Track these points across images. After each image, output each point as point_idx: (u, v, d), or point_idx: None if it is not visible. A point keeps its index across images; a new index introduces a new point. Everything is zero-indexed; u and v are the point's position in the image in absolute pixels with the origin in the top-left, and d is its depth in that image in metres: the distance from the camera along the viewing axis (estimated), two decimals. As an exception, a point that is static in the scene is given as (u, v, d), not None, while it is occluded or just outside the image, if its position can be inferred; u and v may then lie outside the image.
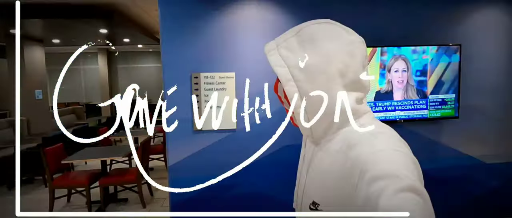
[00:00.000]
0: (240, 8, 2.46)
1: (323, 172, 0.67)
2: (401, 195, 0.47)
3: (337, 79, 0.65)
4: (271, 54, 0.69)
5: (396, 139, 0.60)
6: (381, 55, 2.52)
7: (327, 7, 2.52)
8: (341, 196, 0.60)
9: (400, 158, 0.54)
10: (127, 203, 3.93)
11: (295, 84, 0.65)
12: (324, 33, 0.66)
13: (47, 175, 3.56)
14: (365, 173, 0.53)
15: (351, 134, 0.64)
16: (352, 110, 0.66)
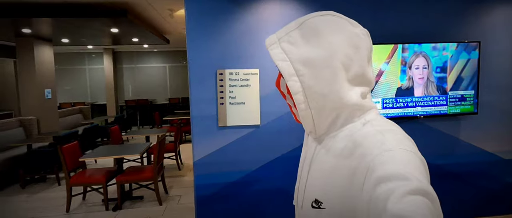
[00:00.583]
0: (263, 5, 2.49)
1: (327, 170, 0.65)
2: (410, 198, 0.45)
3: (342, 73, 0.62)
4: (272, 48, 0.67)
5: (403, 137, 0.58)
6: (402, 52, 2.55)
7: (349, 4, 2.56)
8: (346, 196, 0.58)
9: (408, 158, 0.52)
10: (142, 200, 3.95)
11: (298, 79, 0.63)
12: (328, 25, 0.64)
13: (65, 173, 3.58)
14: (372, 173, 0.52)
15: (356, 131, 0.62)
16: (357, 105, 0.64)
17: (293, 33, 0.65)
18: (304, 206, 0.70)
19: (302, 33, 0.65)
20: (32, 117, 5.80)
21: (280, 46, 0.66)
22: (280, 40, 0.66)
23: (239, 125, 2.51)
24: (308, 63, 0.62)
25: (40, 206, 3.89)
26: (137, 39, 6.67)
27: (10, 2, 4.15)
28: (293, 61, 0.63)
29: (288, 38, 0.65)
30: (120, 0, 4.28)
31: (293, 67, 0.63)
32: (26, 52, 5.87)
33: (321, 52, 0.62)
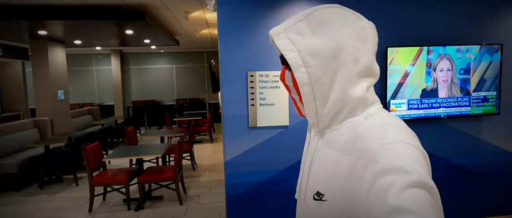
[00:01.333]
0: (292, 8, 2.55)
1: (329, 162, 0.65)
2: (410, 190, 0.45)
3: (349, 66, 0.62)
4: (279, 38, 0.65)
5: (405, 130, 0.58)
6: (427, 54, 2.62)
7: (375, 8, 2.62)
8: (347, 188, 0.58)
9: (409, 151, 0.52)
10: (162, 200, 4.00)
11: (306, 71, 0.62)
12: (335, 17, 0.64)
13: (88, 173, 3.63)
14: (373, 166, 0.52)
15: (358, 125, 0.62)
16: (361, 98, 0.64)
17: (300, 23, 0.64)
18: (307, 199, 0.70)
19: (309, 24, 0.64)
20: (46, 117, 5.85)
21: (287, 36, 0.64)
22: (286, 31, 0.65)
23: (268, 125, 2.57)
24: (316, 54, 0.62)
25: (62, 206, 3.94)
26: (149, 40, 6.72)
27: (30, 4, 4.20)
28: (301, 52, 0.62)
29: (295, 28, 0.64)
30: (138, 2, 4.34)
31: (301, 58, 0.62)
32: (40, 53, 5.92)
33: (329, 44, 0.61)
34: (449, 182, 2.83)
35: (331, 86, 0.63)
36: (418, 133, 2.31)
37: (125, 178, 3.67)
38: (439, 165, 2.80)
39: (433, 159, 2.78)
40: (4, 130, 4.84)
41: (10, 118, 9.04)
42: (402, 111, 2.66)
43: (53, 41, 6.05)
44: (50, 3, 4.18)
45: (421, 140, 2.21)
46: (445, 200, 2.80)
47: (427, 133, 2.76)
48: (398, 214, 0.43)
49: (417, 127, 2.74)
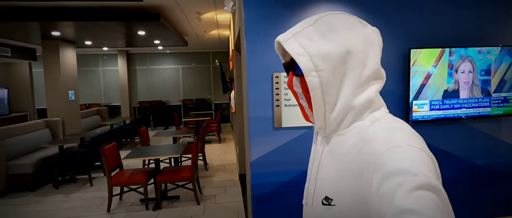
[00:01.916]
0: (316, 10, 2.59)
1: (336, 167, 0.65)
2: (417, 192, 0.46)
3: (358, 70, 0.63)
4: (289, 43, 0.65)
5: (412, 134, 0.59)
6: (449, 56, 2.65)
7: (398, 10, 2.65)
8: (355, 192, 0.58)
9: (416, 154, 0.53)
10: (179, 200, 4.03)
11: (317, 75, 0.62)
12: (342, 23, 0.65)
13: (106, 173, 3.66)
14: (381, 169, 0.52)
15: (365, 128, 0.63)
16: (369, 102, 0.65)
17: (309, 29, 0.65)
18: (315, 204, 0.70)
19: (318, 29, 0.64)
20: (57, 118, 5.88)
21: (297, 41, 0.64)
22: (295, 36, 0.65)
23: (293, 126, 2.60)
24: (327, 59, 0.62)
25: (80, 205, 3.97)
26: (159, 41, 6.75)
27: (47, 6, 4.23)
28: (311, 56, 0.62)
29: (304, 33, 0.65)
30: (153, 4, 4.38)
31: (312, 62, 0.62)
32: (52, 54, 5.94)
33: (338, 48, 0.62)
34: (469, 181, 2.86)
35: (340, 90, 0.64)
36: (440, 133, 2.36)
37: (144, 178, 3.70)
38: (459, 165, 2.83)
39: (454, 159, 2.81)
40: (17, 131, 4.87)
41: (17, 118, 9.06)
42: (424, 112, 2.69)
43: (64, 42, 6.09)
44: (67, 5, 4.21)
45: (442, 140, 2.26)
46: (465, 199, 2.83)
47: (448, 133, 2.80)
48: (405, 215, 0.44)
49: (439, 128, 2.78)
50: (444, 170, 2.77)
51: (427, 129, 2.76)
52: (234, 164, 5.76)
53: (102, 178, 5.11)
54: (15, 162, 4.52)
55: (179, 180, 3.81)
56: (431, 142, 2.78)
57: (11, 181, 4.47)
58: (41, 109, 10.16)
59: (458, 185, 2.85)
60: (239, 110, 4.76)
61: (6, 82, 9.32)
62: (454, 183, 2.84)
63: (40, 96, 10.10)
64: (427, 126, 2.76)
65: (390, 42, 2.66)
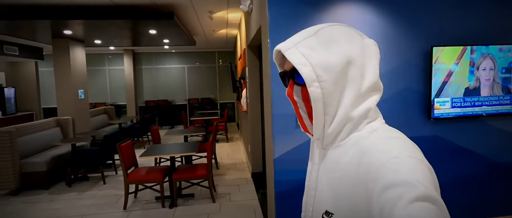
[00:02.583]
0: (340, 9, 2.60)
1: (335, 180, 0.65)
2: (416, 204, 0.46)
3: (357, 81, 0.64)
4: (290, 52, 0.64)
5: (410, 144, 0.59)
6: (470, 54, 2.67)
7: (420, 9, 2.67)
8: (356, 204, 0.58)
9: (415, 165, 0.53)
10: (194, 198, 4.05)
11: (319, 85, 0.62)
12: (343, 35, 0.65)
13: (123, 171, 3.67)
14: (380, 180, 0.52)
15: (363, 139, 0.63)
16: (367, 113, 0.65)
17: (310, 39, 0.64)
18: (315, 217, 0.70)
19: (319, 40, 0.64)
20: (68, 117, 5.89)
21: (298, 50, 0.64)
22: (296, 46, 0.64)
23: (316, 123, 2.61)
24: (328, 69, 0.62)
25: (95, 203, 3.98)
26: (168, 40, 6.77)
27: (60, 4, 4.24)
28: (314, 66, 0.62)
29: (305, 43, 0.64)
30: (167, 2, 4.39)
31: (314, 73, 0.62)
32: (62, 53, 5.96)
33: (340, 59, 0.62)
34: (489, 179, 2.88)
35: (340, 101, 0.64)
36: (460, 130, 2.38)
37: (160, 176, 3.71)
38: (479, 162, 2.85)
39: (474, 156, 2.83)
40: (29, 129, 4.88)
41: (24, 117, 9.08)
42: (446, 109, 2.71)
43: (74, 41, 6.10)
44: (80, 3, 4.22)
45: (463, 137, 2.29)
46: (485, 196, 2.84)
47: (469, 131, 2.81)
48: None
49: (459, 125, 2.80)
50: (464, 167, 2.79)
51: (448, 126, 2.78)
52: (244, 162, 5.77)
53: (113, 176, 5.12)
54: (28, 160, 4.53)
55: (194, 178, 3.82)
56: (452, 139, 2.79)
57: (25, 179, 4.48)
58: (46, 108, 10.17)
59: (478, 182, 2.87)
60: (254, 109, 4.77)
61: (13, 81, 9.33)
62: (474, 180, 2.86)
63: (46, 96, 10.12)
64: (448, 123, 2.77)
65: (412, 40, 2.68)
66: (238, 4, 4.68)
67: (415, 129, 2.74)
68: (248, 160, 5.47)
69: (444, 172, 2.80)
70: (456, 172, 2.82)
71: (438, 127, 2.76)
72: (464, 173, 2.84)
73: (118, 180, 4.90)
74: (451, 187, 2.83)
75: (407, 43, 2.68)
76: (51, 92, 10.18)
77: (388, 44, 2.67)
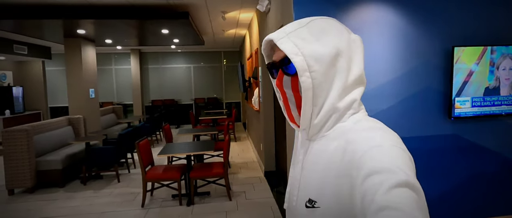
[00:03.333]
0: (362, 9, 2.65)
1: (320, 169, 0.66)
2: (397, 190, 0.48)
3: (344, 73, 0.65)
4: (283, 41, 0.65)
5: (392, 134, 0.61)
6: (491, 54, 2.71)
7: (442, 10, 2.71)
8: (340, 192, 0.59)
9: (396, 153, 0.55)
10: (210, 196, 4.09)
11: (310, 75, 0.63)
12: (332, 27, 0.67)
13: (141, 169, 3.71)
14: (363, 168, 0.54)
15: (348, 130, 0.64)
16: (353, 104, 0.67)
17: (302, 30, 0.66)
18: (298, 207, 0.71)
19: (310, 31, 0.66)
20: (79, 115, 5.93)
21: (291, 40, 0.65)
22: (288, 35, 0.66)
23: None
24: (319, 60, 0.63)
25: (112, 201, 4.02)
26: (178, 40, 6.81)
27: (76, 4, 4.28)
28: (306, 56, 0.63)
29: (297, 34, 0.65)
30: (182, 2, 4.43)
31: (306, 63, 0.63)
32: (74, 52, 6.00)
33: (330, 50, 0.64)
34: (507, 177, 2.92)
35: (329, 92, 0.65)
36: (480, 129, 2.43)
37: (177, 174, 3.76)
38: (498, 161, 2.89)
39: (493, 154, 2.87)
40: (43, 128, 4.92)
41: (31, 116, 9.12)
42: (466, 108, 2.75)
43: (86, 40, 6.14)
44: (97, 3, 4.26)
45: (483, 136, 2.34)
46: (503, 194, 2.88)
47: (488, 130, 2.85)
48: (385, 211, 0.46)
49: (479, 124, 2.84)
50: (483, 164, 2.84)
51: (468, 125, 2.82)
52: (255, 161, 5.81)
53: (127, 174, 5.16)
54: (44, 158, 4.57)
55: (211, 176, 3.86)
56: (472, 138, 2.84)
57: (41, 177, 4.51)
58: (53, 107, 10.21)
59: (497, 179, 2.91)
60: (267, 108, 4.81)
61: (20, 80, 9.37)
62: (493, 177, 2.90)
63: (52, 95, 10.15)
64: (468, 122, 2.82)
65: (432, 40, 2.72)
66: (251, 4, 4.73)
67: (436, 128, 2.78)
68: (259, 159, 5.52)
69: (464, 169, 2.85)
70: (475, 170, 2.87)
71: (458, 126, 2.81)
72: (483, 171, 2.88)
73: (132, 178, 4.95)
74: (470, 184, 2.87)
75: (427, 43, 2.72)
76: (57, 91, 10.22)
77: (408, 44, 2.71)
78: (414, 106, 2.75)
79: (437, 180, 2.83)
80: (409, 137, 2.76)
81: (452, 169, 2.84)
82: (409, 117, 2.75)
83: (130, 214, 3.63)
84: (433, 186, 2.82)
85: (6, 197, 4.30)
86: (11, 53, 7.34)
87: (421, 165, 2.78)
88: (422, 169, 2.79)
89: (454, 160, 2.83)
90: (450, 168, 2.83)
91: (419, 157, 2.77)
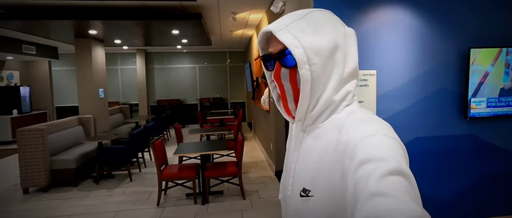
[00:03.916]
0: (380, 11, 2.70)
1: (314, 159, 0.67)
2: (389, 178, 0.49)
3: (341, 66, 0.66)
4: (282, 33, 0.64)
5: (385, 124, 0.62)
6: (506, 55, 2.77)
7: (458, 11, 2.76)
8: (334, 182, 0.61)
9: (389, 142, 0.56)
10: (223, 195, 4.14)
11: (309, 68, 0.63)
12: (329, 21, 0.67)
13: (157, 168, 3.76)
14: (357, 156, 0.55)
15: (342, 120, 0.65)
16: (347, 97, 0.68)
17: (300, 21, 0.65)
18: (293, 196, 0.71)
19: (308, 23, 0.65)
20: (89, 115, 5.98)
21: (290, 32, 0.64)
22: (287, 27, 0.65)
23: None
24: (318, 52, 0.63)
25: (127, 200, 4.07)
26: (187, 40, 6.85)
27: (89, 5, 4.32)
28: (305, 49, 0.63)
29: (296, 25, 0.65)
30: (193, 4, 4.48)
31: (306, 55, 0.63)
32: (84, 53, 6.04)
33: (328, 43, 0.64)
34: (520, 176, 2.98)
35: (326, 85, 0.66)
36: (495, 129, 2.48)
37: (193, 173, 3.80)
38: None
39: (507, 154, 2.92)
40: (56, 127, 4.96)
41: (38, 116, 9.16)
42: (482, 109, 2.80)
43: (95, 41, 6.18)
44: (110, 4, 4.30)
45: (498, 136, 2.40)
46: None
47: (503, 129, 2.91)
48: (377, 197, 0.47)
49: (494, 124, 2.89)
50: (498, 163, 2.89)
51: (483, 125, 2.87)
52: (264, 161, 5.86)
53: (138, 174, 5.21)
54: (58, 157, 4.61)
55: (226, 175, 3.91)
56: (487, 138, 2.89)
57: (55, 176, 4.56)
58: (59, 106, 10.25)
59: (510, 179, 2.96)
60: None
61: (26, 80, 9.41)
62: (508, 176, 2.95)
63: (58, 95, 10.19)
64: (484, 122, 2.87)
65: (449, 42, 2.78)
66: (261, 5, 4.78)
67: (451, 128, 2.83)
68: (269, 159, 5.56)
69: (479, 167, 2.90)
70: (490, 168, 2.92)
71: (474, 126, 2.86)
72: (497, 169, 2.93)
73: (143, 178, 4.99)
74: (486, 182, 2.93)
75: (443, 45, 2.77)
76: (63, 91, 10.26)
77: (425, 45, 2.76)
78: (431, 107, 2.80)
79: (453, 178, 2.88)
80: (426, 137, 2.81)
81: (468, 168, 2.89)
82: (426, 117, 2.80)
83: (147, 212, 3.68)
84: (449, 184, 2.87)
85: (21, 195, 4.34)
86: (20, 53, 7.39)
87: (437, 164, 2.84)
88: (439, 168, 2.84)
89: (470, 159, 2.88)
90: (466, 167, 2.88)
91: (435, 156, 2.82)
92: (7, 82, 8.72)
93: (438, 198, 2.87)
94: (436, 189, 2.85)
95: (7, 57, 7.93)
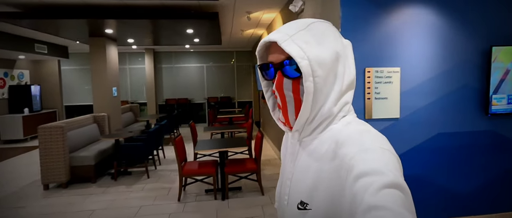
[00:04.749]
0: (405, 9, 2.77)
1: (311, 171, 0.67)
2: (386, 190, 0.49)
3: (341, 78, 0.67)
4: (287, 44, 0.63)
5: (380, 137, 0.62)
6: (526, 53, 2.83)
7: (482, 11, 2.83)
8: (331, 195, 0.61)
9: (385, 155, 0.57)
10: (242, 191, 4.20)
11: (313, 80, 0.63)
12: (330, 32, 0.67)
13: (178, 164, 3.83)
14: (354, 169, 0.56)
15: (338, 132, 0.65)
16: (344, 108, 0.69)
17: (303, 32, 0.65)
18: (290, 208, 0.71)
19: (312, 34, 0.65)
20: (104, 113, 6.05)
21: (295, 43, 0.64)
22: (292, 38, 0.64)
23: (382, 117, 2.78)
24: (322, 65, 0.63)
25: (147, 196, 4.14)
26: (199, 39, 6.92)
27: (107, 4, 4.39)
28: (311, 61, 0.62)
29: (300, 36, 0.64)
30: (210, 3, 4.54)
31: (310, 67, 0.62)
32: (99, 51, 6.11)
33: (331, 55, 0.65)
34: (539, 172, 3.05)
35: (327, 97, 0.66)
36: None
37: (213, 169, 3.87)
38: (531, 156, 3.01)
39: (526, 150, 2.99)
40: (73, 125, 5.03)
41: (48, 115, 9.24)
42: (503, 105, 2.87)
43: (109, 40, 6.26)
44: (127, 3, 4.37)
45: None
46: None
47: (522, 126, 2.98)
48: (374, 211, 0.48)
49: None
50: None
51: (504, 121, 2.94)
52: (276, 158, 5.93)
53: (154, 171, 5.28)
54: (77, 154, 4.69)
55: (245, 171, 3.98)
56: (508, 134, 2.96)
57: (74, 173, 4.63)
58: (67, 105, 10.32)
59: (529, 174, 3.03)
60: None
61: (36, 79, 9.49)
62: None
63: (67, 94, 10.26)
64: (504, 118, 2.94)
65: (471, 40, 2.84)
66: (276, 4, 4.85)
67: (473, 124, 2.90)
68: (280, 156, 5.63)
69: (500, 163, 2.96)
70: (510, 164, 2.99)
71: (495, 122, 2.93)
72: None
73: (160, 174, 5.07)
74: (506, 178, 2.99)
75: (465, 43, 2.84)
76: (72, 90, 10.34)
77: (447, 43, 2.83)
78: (452, 104, 2.87)
79: (474, 173, 2.95)
80: (447, 133, 2.88)
81: (489, 163, 2.96)
82: (447, 113, 2.87)
83: (169, 207, 3.75)
84: (470, 179, 2.94)
85: (42, 191, 4.42)
86: (33, 52, 7.46)
87: (458, 159, 2.90)
88: (460, 163, 2.91)
89: (490, 155, 2.95)
90: (487, 162, 2.95)
91: (456, 152, 2.89)
92: (18, 81, 8.80)
93: (458, 192, 2.94)
94: (456, 183, 2.92)
95: (19, 56, 8.00)
